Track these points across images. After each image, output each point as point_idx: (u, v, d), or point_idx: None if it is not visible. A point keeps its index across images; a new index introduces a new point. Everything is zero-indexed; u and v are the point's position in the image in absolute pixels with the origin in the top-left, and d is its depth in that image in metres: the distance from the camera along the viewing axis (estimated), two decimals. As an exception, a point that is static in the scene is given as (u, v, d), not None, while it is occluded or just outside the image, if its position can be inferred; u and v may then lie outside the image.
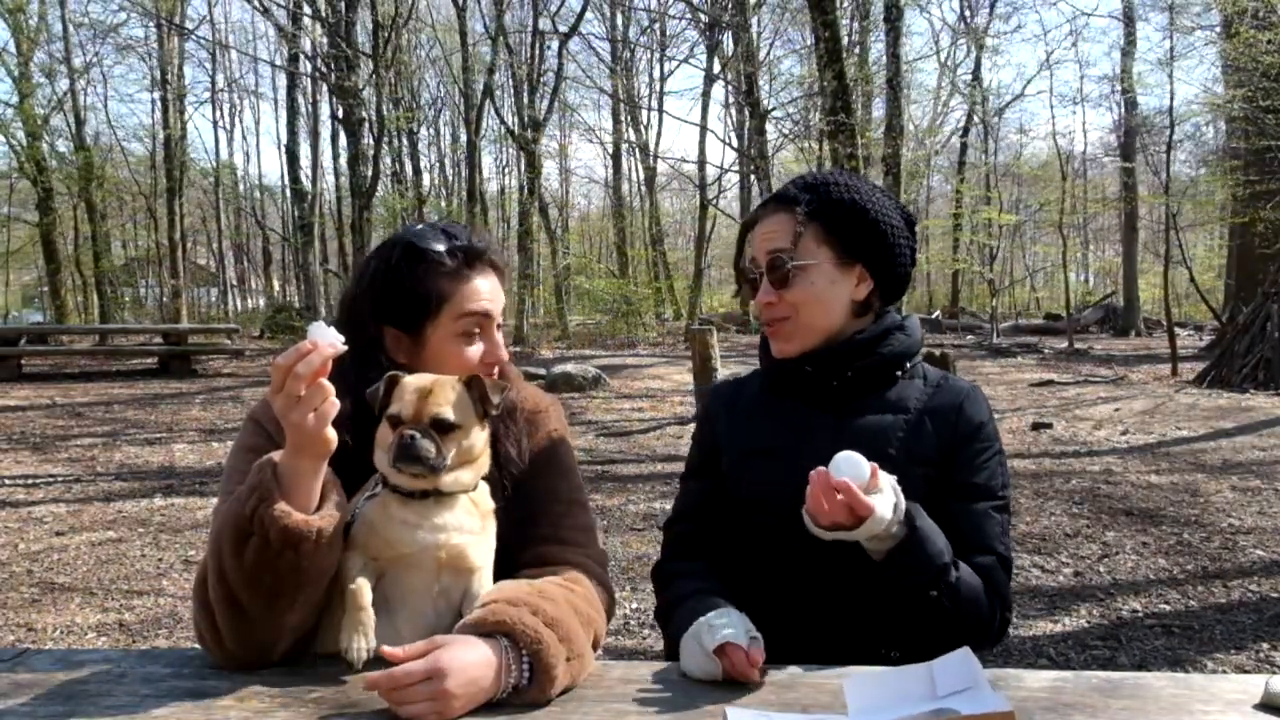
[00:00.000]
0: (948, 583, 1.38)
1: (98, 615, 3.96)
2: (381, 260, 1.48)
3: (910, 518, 1.37)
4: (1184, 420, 8.53)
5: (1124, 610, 3.83)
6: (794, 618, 1.48)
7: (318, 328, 1.20)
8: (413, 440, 1.27)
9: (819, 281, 1.52)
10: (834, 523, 1.32)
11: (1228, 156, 18.84)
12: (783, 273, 1.52)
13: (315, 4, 18.04)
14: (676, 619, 1.41)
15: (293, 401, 1.18)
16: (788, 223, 1.54)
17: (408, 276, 1.45)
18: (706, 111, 28.94)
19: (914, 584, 1.38)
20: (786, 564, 1.50)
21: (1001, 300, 27.95)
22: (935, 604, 1.38)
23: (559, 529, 1.47)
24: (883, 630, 1.46)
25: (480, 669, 1.15)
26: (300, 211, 23.97)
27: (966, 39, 29.30)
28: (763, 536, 1.52)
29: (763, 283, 1.55)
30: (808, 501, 1.35)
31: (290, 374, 1.17)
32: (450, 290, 1.45)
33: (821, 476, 1.31)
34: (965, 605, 1.40)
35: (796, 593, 1.49)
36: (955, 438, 1.52)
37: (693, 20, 26.51)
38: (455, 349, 1.46)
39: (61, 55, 23.42)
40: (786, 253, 1.52)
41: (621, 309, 20.99)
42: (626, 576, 4.28)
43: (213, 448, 7.92)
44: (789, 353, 1.56)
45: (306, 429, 1.19)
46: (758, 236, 1.59)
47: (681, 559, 1.60)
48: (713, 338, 7.51)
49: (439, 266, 1.45)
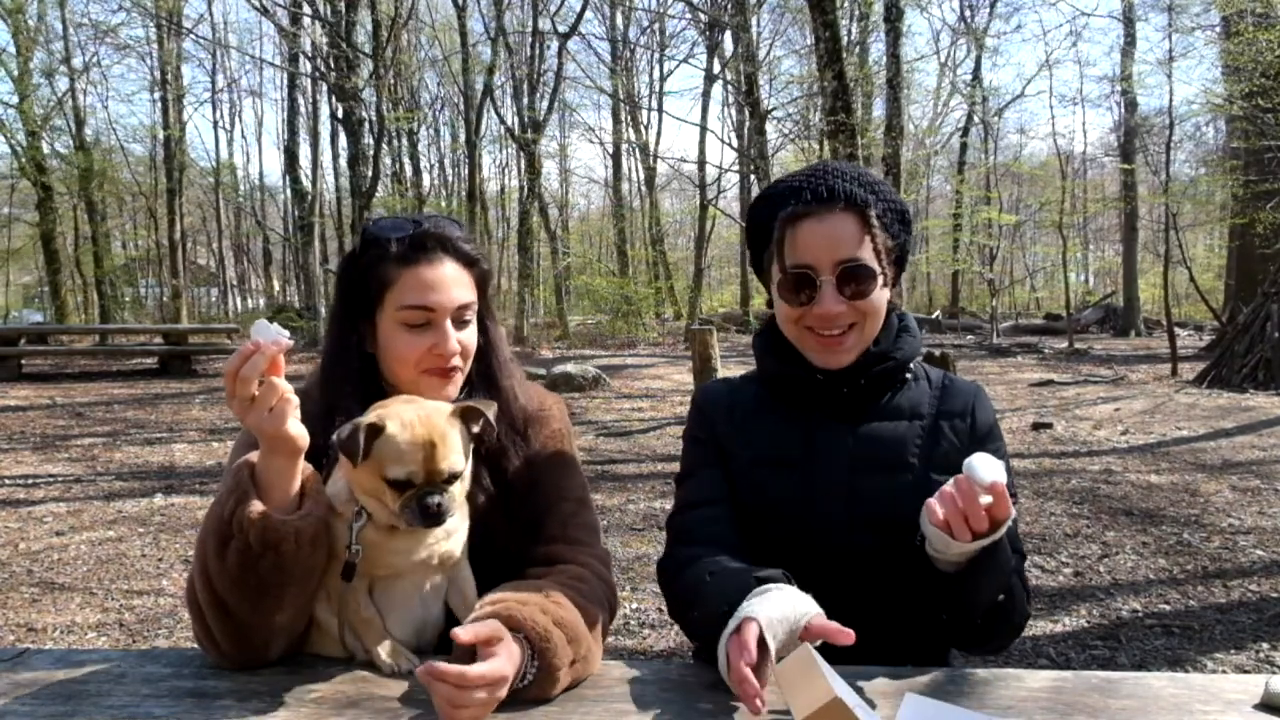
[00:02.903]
0: (1009, 586, 1.35)
1: (98, 615, 3.95)
2: (349, 251, 1.50)
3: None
4: (1184, 420, 8.53)
5: (1124, 610, 3.83)
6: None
7: (260, 327, 1.19)
8: (439, 508, 1.24)
9: (880, 290, 1.46)
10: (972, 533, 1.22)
11: (1228, 156, 18.83)
12: (865, 283, 1.42)
13: (315, 4, 18.03)
14: (708, 595, 1.29)
15: (247, 405, 1.17)
16: (859, 227, 1.43)
17: (361, 264, 1.44)
18: (706, 111, 29.03)
19: (991, 591, 1.32)
20: (796, 572, 1.44)
21: (1001, 300, 27.94)
22: (998, 609, 1.34)
23: (564, 528, 1.47)
24: (898, 639, 1.44)
25: (514, 672, 1.15)
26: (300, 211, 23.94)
27: (966, 39, 29.32)
28: (772, 545, 1.47)
29: (827, 291, 1.42)
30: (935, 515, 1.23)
31: (238, 378, 1.16)
32: (393, 278, 1.41)
33: (965, 484, 1.21)
34: (1018, 605, 1.39)
35: (818, 595, 1.47)
36: (972, 440, 1.49)
37: (692, 20, 26.55)
38: (398, 339, 1.42)
39: (61, 55, 23.42)
40: (863, 263, 1.42)
41: (622, 309, 20.98)
42: (626, 576, 4.28)
43: (213, 448, 7.92)
44: (843, 364, 1.47)
45: (266, 430, 1.19)
46: (818, 236, 1.43)
47: (697, 544, 1.46)
48: (713, 338, 7.50)
49: (384, 253, 1.42)
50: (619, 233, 30.67)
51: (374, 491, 1.26)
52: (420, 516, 1.23)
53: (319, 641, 1.34)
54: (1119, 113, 27.43)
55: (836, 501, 1.44)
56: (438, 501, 1.23)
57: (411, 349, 1.41)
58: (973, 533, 1.22)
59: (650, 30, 30.24)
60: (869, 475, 1.46)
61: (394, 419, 1.24)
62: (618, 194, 31.76)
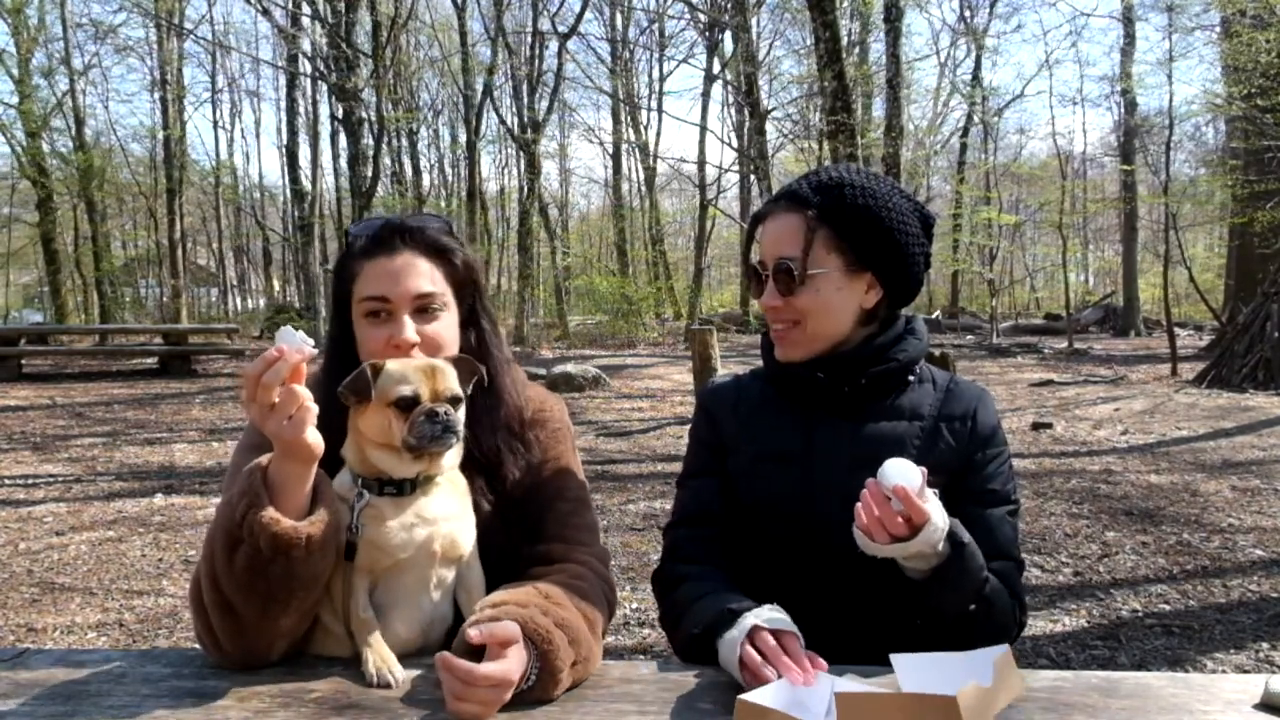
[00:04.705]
0: (984, 596, 1.35)
1: (98, 615, 3.95)
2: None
3: (954, 533, 1.31)
4: (1184, 420, 8.53)
5: (1124, 610, 3.83)
6: (802, 623, 1.46)
7: (285, 333, 1.18)
8: (447, 416, 1.27)
9: (826, 289, 1.47)
10: (892, 535, 1.25)
11: (1228, 156, 18.82)
12: (790, 280, 1.47)
13: (315, 4, 18.03)
14: (692, 617, 1.37)
15: (266, 410, 1.17)
16: (798, 226, 1.47)
17: (339, 264, 1.49)
18: (706, 111, 29.02)
19: (959, 601, 1.34)
20: (797, 570, 1.47)
21: (1001, 300, 27.96)
22: (970, 618, 1.35)
23: (564, 527, 1.47)
24: (892, 637, 1.43)
25: (520, 676, 1.15)
26: (300, 211, 23.96)
27: (966, 39, 29.32)
28: (773, 542, 1.49)
29: (769, 286, 1.50)
30: (859, 518, 1.27)
31: (260, 383, 1.16)
32: (357, 270, 1.45)
33: (873, 487, 1.25)
34: (996, 615, 1.39)
35: (804, 598, 1.46)
36: (971, 444, 1.49)
37: (692, 20, 26.53)
38: (362, 332, 1.44)
39: (61, 56, 23.44)
40: (794, 260, 1.46)
41: (622, 309, 20.97)
42: (626, 576, 4.28)
43: (213, 448, 7.92)
44: (793, 358, 1.52)
45: (284, 437, 1.18)
46: (767, 234, 1.52)
47: (689, 562, 1.51)
48: (713, 338, 7.50)
49: (350, 247, 1.47)
50: (619, 233, 30.69)
51: (381, 428, 1.29)
52: (429, 425, 1.26)
53: (322, 641, 1.34)
54: (1119, 113, 27.50)
55: (835, 499, 1.44)
56: (445, 410, 1.27)
57: (373, 341, 1.42)
58: (892, 537, 1.24)
59: (649, 30, 30.28)
60: (867, 474, 1.45)
61: (390, 361, 1.32)
62: (618, 194, 31.78)
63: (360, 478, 1.33)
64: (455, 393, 1.31)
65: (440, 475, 1.34)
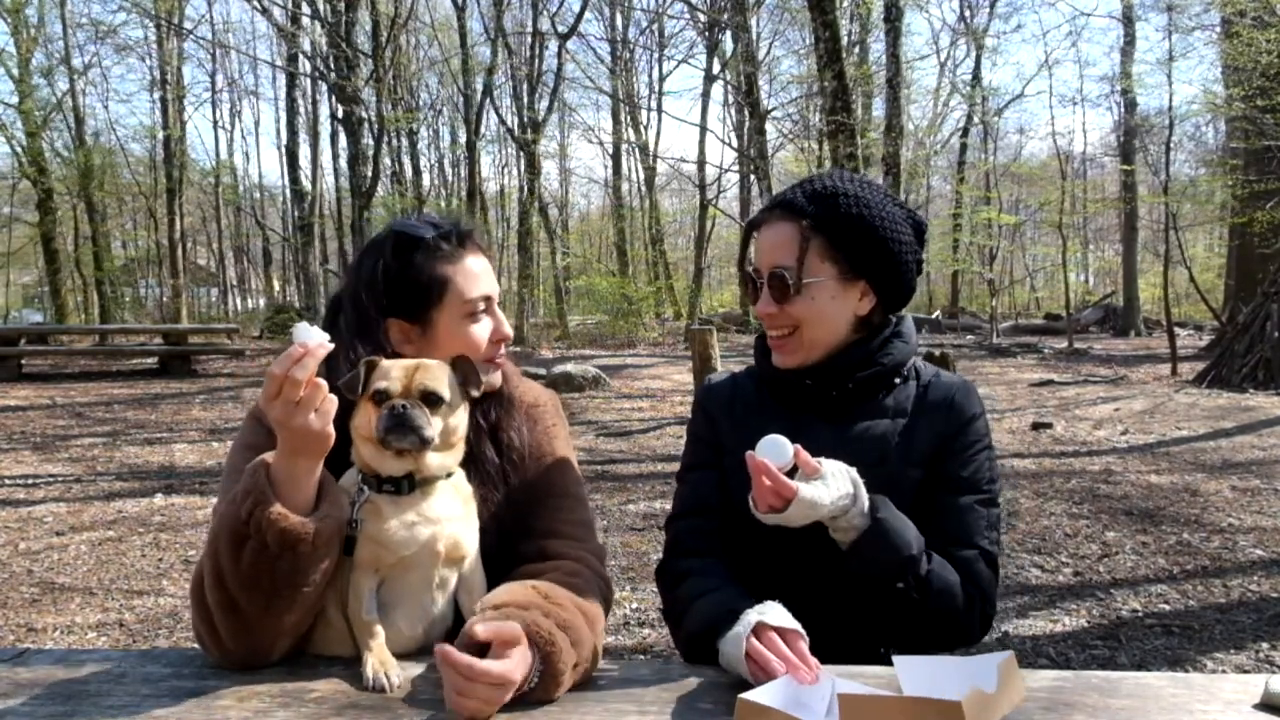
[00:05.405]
0: (917, 575, 1.38)
1: (98, 615, 3.95)
2: (377, 255, 1.48)
3: (874, 509, 1.36)
4: (1184, 420, 8.53)
5: (1124, 610, 3.83)
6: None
7: (302, 329, 1.19)
8: (404, 410, 1.27)
9: (820, 298, 1.50)
10: (768, 506, 1.31)
11: (1228, 156, 18.82)
12: (784, 289, 1.49)
13: (315, 4, 18.03)
14: (694, 615, 1.39)
15: (292, 406, 1.18)
16: (792, 235, 1.50)
17: (409, 266, 1.46)
18: (706, 111, 29.01)
19: (878, 575, 1.37)
20: (783, 565, 1.50)
21: (1001, 300, 27.96)
22: (903, 596, 1.38)
23: (559, 523, 1.47)
24: (879, 629, 1.46)
25: (522, 678, 1.16)
26: (300, 211, 23.99)
27: (966, 39, 29.31)
28: (766, 544, 1.51)
29: (764, 294, 1.53)
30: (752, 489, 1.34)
31: (287, 380, 1.17)
32: (451, 273, 1.46)
33: (750, 460, 1.31)
34: (937, 598, 1.40)
35: (793, 592, 1.48)
36: (946, 432, 1.52)
37: (692, 20, 26.54)
38: (464, 330, 1.47)
39: (61, 55, 23.44)
40: (789, 269, 1.49)
41: (622, 309, 20.97)
42: (626, 577, 4.28)
43: (213, 448, 7.92)
44: (790, 365, 1.55)
45: (312, 430, 1.19)
46: (762, 242, 1.55)
47: (690, 556, 1.55)
48: (713, 337, 7.50)
49: (435, 251, 1.46)
50: (619, 233, 30.69)
51: (366, 423, 1.30)
52: (388, 422, 1.27)
53: (324, 635, 1.35)
54: (1119, 113, 27.50)
55: None
56: (403, 405, 1.27)
57: (477, 337, 1.47)
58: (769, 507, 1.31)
59: (649, 30, 30.28)
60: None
61: (385, 359, 1.34)
62: (618, 194, 31.77)
63: (362, 474, 1.34)
64: (430, 389, 1.30)
65: (431, 475, 1.33)
